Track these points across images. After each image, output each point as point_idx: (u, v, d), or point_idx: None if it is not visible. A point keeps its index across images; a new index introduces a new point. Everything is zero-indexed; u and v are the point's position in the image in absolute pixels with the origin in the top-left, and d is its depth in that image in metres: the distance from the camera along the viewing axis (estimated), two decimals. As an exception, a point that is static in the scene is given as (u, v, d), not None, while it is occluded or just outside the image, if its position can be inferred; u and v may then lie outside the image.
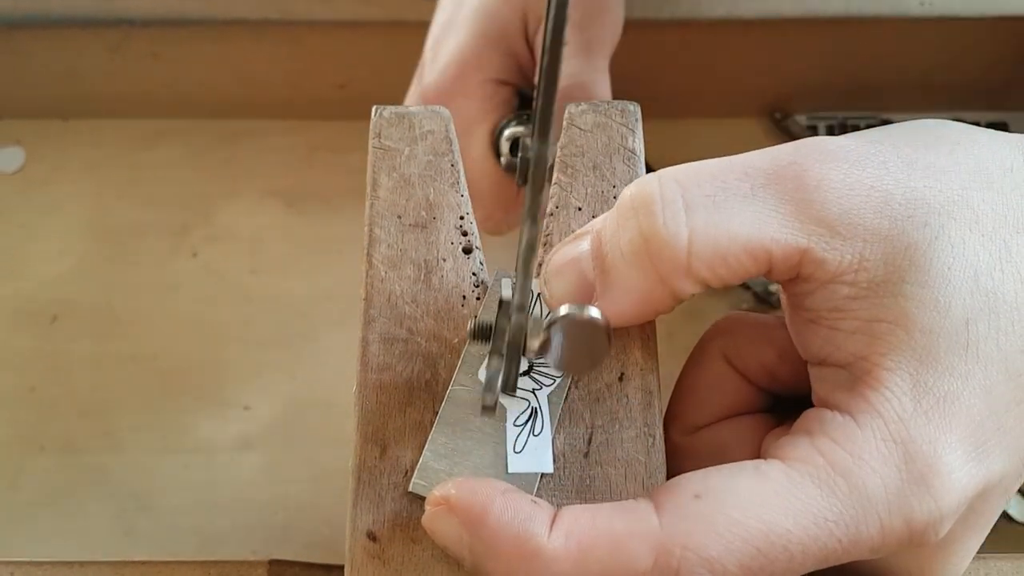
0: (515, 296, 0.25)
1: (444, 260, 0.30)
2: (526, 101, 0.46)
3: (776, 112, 0.59)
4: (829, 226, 0.25)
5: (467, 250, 0.30)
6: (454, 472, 0.27)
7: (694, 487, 0.25)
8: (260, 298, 0.55)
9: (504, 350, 0.26)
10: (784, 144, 0.27)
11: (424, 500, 0.26)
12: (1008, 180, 0.27)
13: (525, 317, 0.25)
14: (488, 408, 0.26)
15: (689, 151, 0.33)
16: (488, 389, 0.26)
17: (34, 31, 0.54)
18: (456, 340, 0.29)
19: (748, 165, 0.26)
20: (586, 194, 0.31)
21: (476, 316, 0.28)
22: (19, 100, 0.59)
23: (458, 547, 0.25)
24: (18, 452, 0.51)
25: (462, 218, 0.30)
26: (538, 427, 0.28)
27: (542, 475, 0.27)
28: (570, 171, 0.31)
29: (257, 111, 0.59)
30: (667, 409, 0.31)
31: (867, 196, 0.26)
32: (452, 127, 0.32)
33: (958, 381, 0.25)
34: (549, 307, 0.29)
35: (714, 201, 0.26)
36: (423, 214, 0.30)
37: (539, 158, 0.21)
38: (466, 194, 0.31)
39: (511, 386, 0.27)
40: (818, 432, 0.25)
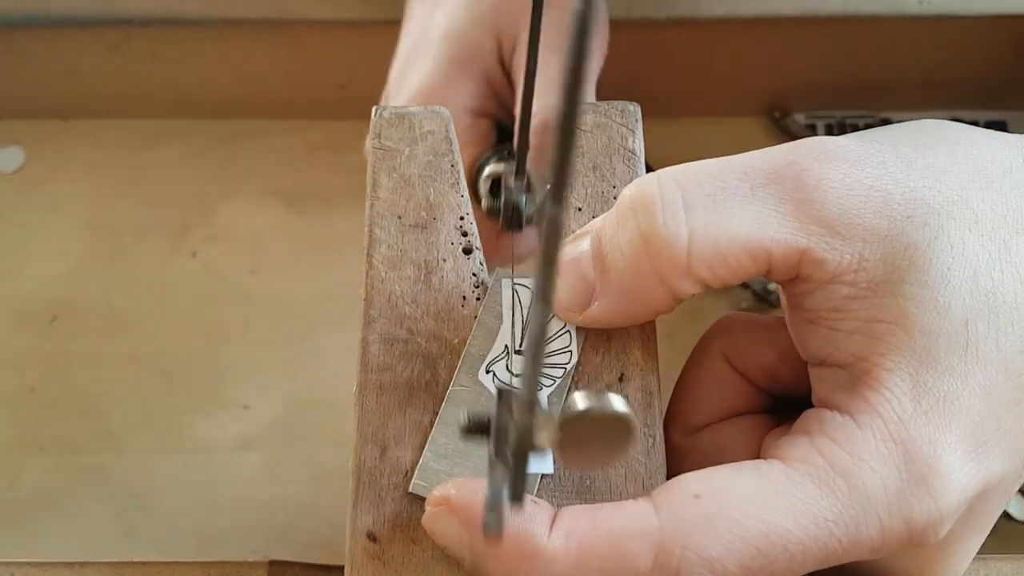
0: (523, 390, 0.20)
1: (444, 260, 0.30)
2: (504, 134, 0.43)
3: (775, 111, 0.59)
4: (828, 226, 0.26)
5: (467, 250, 0.30)
6: (454, 473, 0.27)
7: (694, 487, 0.25)
8: (260, 298, 0.55)
9: (510, 457, 0.22)
10: (784, 144, 0.27)
11: (424, 501, 0.26)
12: (1007, 180, 0.27)
13: (534, 416, 0.21)
14: (493, 529, 0.21)
15: (689, 150, 0.33)
16: (492, 508, 0.21)
17: (34, 31, 0.54)
18: (456, 341, 0.29)
19: (748, 165, 0.27)
20: (586, 194, 0.31)
21: (467, 414, 0.24)
22: (19, 100, 0.59)
23: (458, 547, 0.25)
24: (18, 452, 0.51)
25: (462, 218, 0.30)
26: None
27: (542, 476, 0.27)
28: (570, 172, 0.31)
29: (257, 111, 0.59)
30: (667, 409, 0.31)
31: (866, 196, 0.26)
32: (452, 127, 0.32)
33: (958, 381, 0.25)
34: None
35: (714, 201, 0.26)
36: (423, 214, 0.30)
37: (553, 225, 0.17)
38: (466, 194, 0.31)
39: (518, 496, 0.22)
40: (818, 432, 0.25)
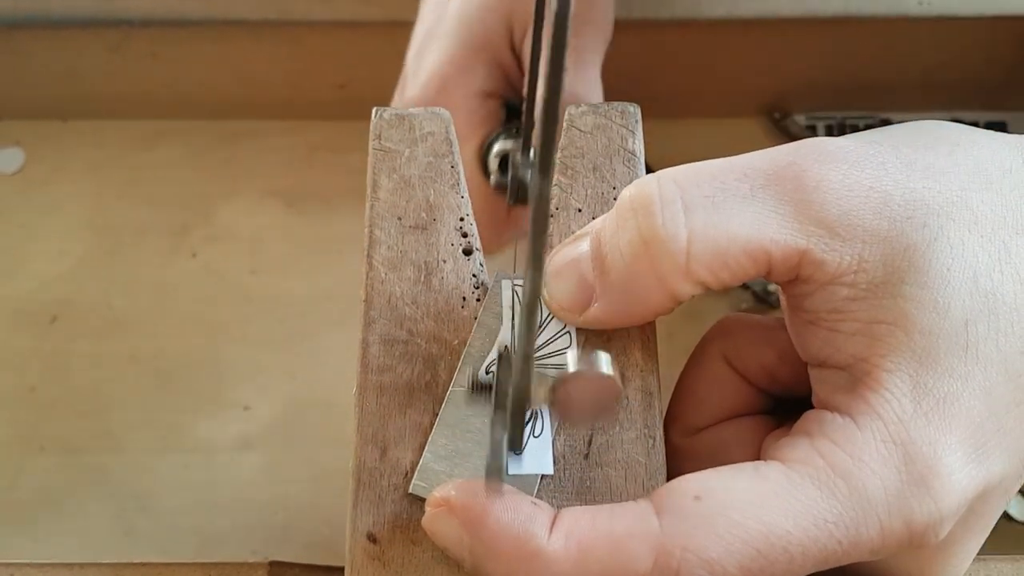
0: (518, 349, 0.23)
1: (444, 261, 0.30)
2: (513, 113, 0.44)
3: (775, 112, 0.59)
4: (828, 227, 0.25)
5: (467, 251, 0.30)
6: (454, 474, 0.27)
7: (694, 488, 0.25)
8: (260, 298, 0.55)
9: (508, 410, 0.24)
10: (784, 145, 0.27)
11: (424, 502, 0.26)
12: (1007, 181, 0.27)
13: (530, 371, 0.23)
14: (494, 473, 0.24)
15: (689, 151, 0.33)
16: (494, 456, 0.24)
17: (34, 31, 0.54)
18: (456, 342, 0.29)
19: (747, 166, 0.26)
20: (586, 195, 0.31)
21: (472, 369, 0.26)
22: (19, 100, 0.59)
23: (458, 548, 0.25)
24: (18, 452, 0.51)
25: (462, 219, 0.30)
26: (538, 429, 0.28)
27: (542, 477, 0.27)
28: (570, 172, 0.31)
29: (257, 111, 0.59)
30: (667, 410, 0.31)
31: (866, 197, 0.26)
32: (452, 129, 0.32)
33: (958, 382, 0.25)
34: (549, 308, 0.29)
35: (713, 202, 0.26)
36: (423, 216, 0.30)
37: (540, 197, 0.19)
38: (466, 195, 0.31)
39: (517, 444, 0.25)
40: (818, 433, 0.25)
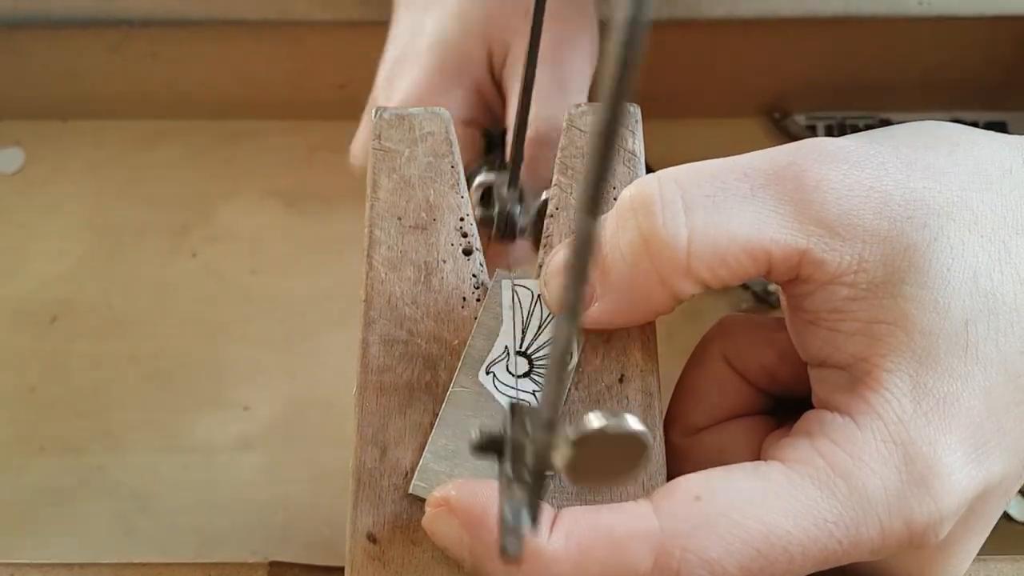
0: (543, 411, 0.20)
1: (444, 262, 0.30)
2: (494, 143, 0.43)
3: (775, 112, 0.59)
4: (828, 227, 0.25)
5: (467, 252, 0.30)
6: (454, 474, 0.27)
7: (694, 488, 0.25)
8: (260, 298, 0.55)
9: (527, 477, 0.21)
10: (784, 145, 0.27)
11: (424, 502, 0.26)
12: (1007, 181, 0.27)
13: (555, 436, 0.20)
14: (513, 554, 0.21)
15: (689, 151, 0.33)
16: (511, 532, 0.21)
17: (34, 31, 0.54)
18: (456, 342, 0.29)
19: (748, 166, 0.26)
20: (586, 195, 0.31)
21: (479, 431, 0.23)
22: (19, 100, 0.59)
23: (458, 548, 0.25)
24: (18, 452, 0.51)
25: (462, 220, 0.30)
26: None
27: (542, 476, 0.27)
28: (570, 172, 0.31)
29: (257, 111, 0.59)
30: (667, 411, 0.31)
31: (866, 197, 0.26)
32: (452, 128, 0.32)
33: (958, 382, 0.25)
34: (549, 309, 0.29)
35: (713, 202, 0.26)
36: (423, 216, 0.30)
37: (587, 236, 0.17)
38: (466, 196, 0.31)
39: (537, 516, 0.22)
40: (818, 433, 0.25)
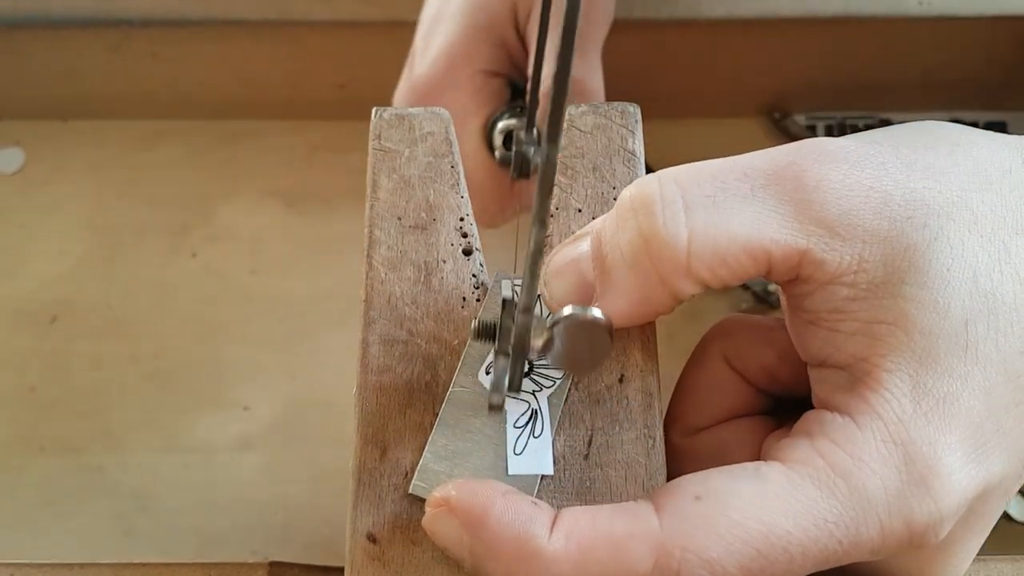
0: (521, 297, 0.24)
1: (444, 262, 0.30)
2: (518, 92, 0.46)
3: (775, 112, 0.59)
4: (828, 227, 0.25)
5: (467, 252, 0.30)
6: (454, 474, 0.27)
7: (694, 488, 0.25)
8: (260, 298, 0.55)
9: (509, 350, 0.26)
10: (784, 145, 0.27)
11: (424, 502, 0.26)
12: (1007, 181, 0.27)
13: (531, 317, 0.25)
14: (495, 407, 0.26)
15: (689, 151, 0.33)
16: (495, 389, 0.26)
17: (34, 31, 0.54)
18: (456, 342, 0.29)
19: (748, 166, 0.26)
20: (586, 195, 0.31)
21: (478, 316, 0.28)
22: (19, 100, 0.59)
23: (458, 548, 0.25)
24: (18, 452, 0.51)
25: (462, 220, 0.30)
26: (538, 429, 0.28)
27: (542, 477, 0.27)
28: (570, 172, 0.31)
29: (257, 111, 0.59)
30: (667, 411, 0.31)
31: (866, 197, 0.26)
32: (452, 129, 0.32)
33: (958, 382, 0.25)
34: (549, 308, 0.29)
35: (714, 201, 0.26)
36: (423, 216, 0.30)
37: (548, 161, 0.21)
38: (466, 196, 0.31)
39: (516, 386, 0.27)
40: (818, 434, 0.25)
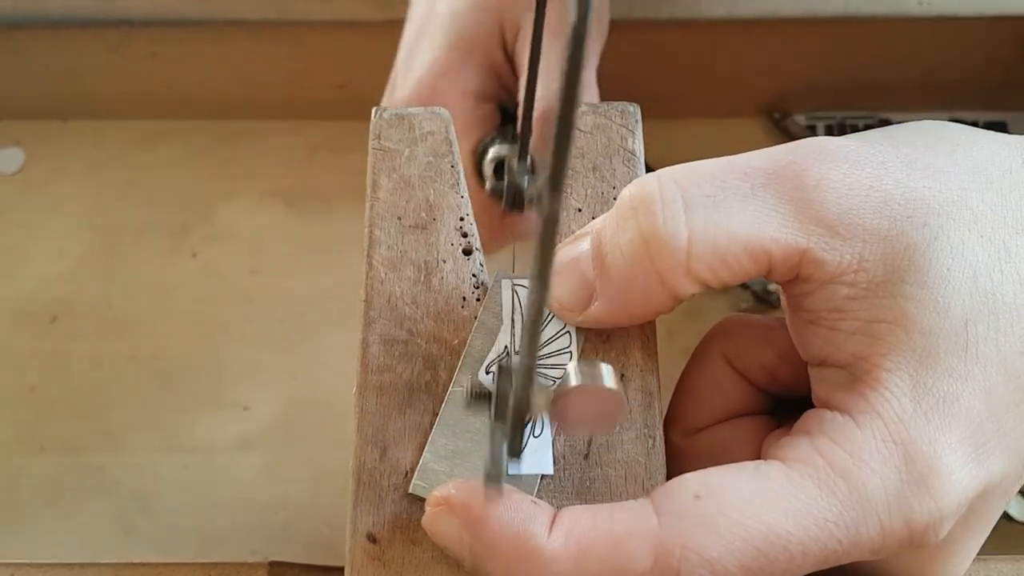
0: (520, 362, 0.22)
1: (444, 261, 0.30)
2: (507, 117, 0.44)
3: (775, 112, 0.59)
4: (828, 226, 0.26)
5: (467, 251, 0.30)
6: (454, 473, 0.27)
7: (694, 488, 0.25)
8: (260, 298, 0.55)
9: (508, 421, 0.24)
10: (784, 144, 0.27)
11: (424, 502, 0.26)
12: (1007, 181, 0.27)
13: (532, 383, 0.23)
14: (493, 484, 0.24)
15: (689, 151, 0.33)
16: (493, 465, 0.23)
17: (34, 31, 0.54)
18: (456, 342, 0.29)
19: (748, 165, 0.27)
20: (586, 195, 0.31)
21: (471, 380, 0.26)
22: (19, 100, 0.59)
23: (458, 548, 0.25)
24: (18, 452, 0.51)
25: (462, 219, 0.30)
26: (538, 429, 0.28)
27: (542, 476, 0.27)
28: (570, 172, 0.31)
29: (257, 111, 0.59)
30: (667, 411, 0.31)
31: (866, 196, 0.26)
32: (452, 128, 0.32)
33: (958, 382, 0.25)
34: (549, 308, 0.29)
35: (714, 201, 0.26)
36: (423, 215, 0.30)
37: (549, 217, 0.19)
38: (466, 195, 0.31)
39: (516, 452, 0.25)
40: (818, 433, 0.25)
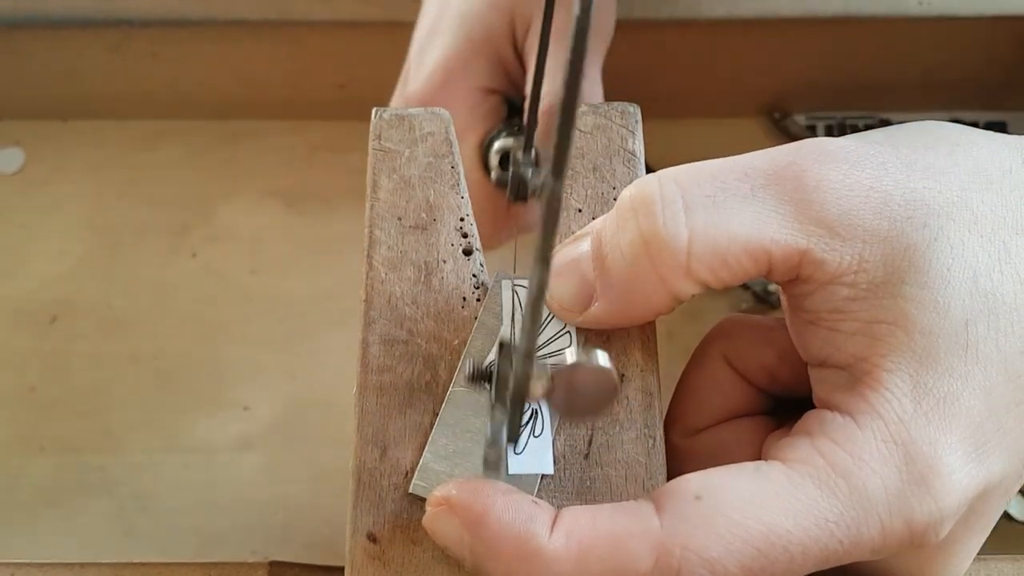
0: (521, 343, 0.23)
1: (444, 262, 0.30)
2: (514, 110, 0.44)
3: (775, 112, 0.59)
4: (828, 227, 0.26)
5: (467, 252, 0.30)
6: (455, 473, 0.27)
7: (694, 488, 0.25)
8: (260, 298, 0.55)
9: (507, 400, 0.24)
10: (784, 145, 0.27)
11: (424, 502, 0.26)
12: (1007, 181, 0.27)
13: (531, 365, 0.23)
14: (492, 464, 0.25)
15: (689, 151, 0.33)
16: (493, 444, 0.24)
17: (34, 31, 0.54)
18: (456, 342, 0.29)
19: (748, 166, 0.27)
20: (586, 196, 0.31)
21: (472, 358, 0.26)
22: (19, 100, 0.59)
23: (459, 548, 0.25)
24: (18, 452, 0.51)
25: (462, 220, 0.30)
26: (538, 428, 0.28)
27: (542, 476, 0.27)
28: (570, 173, 0.31)
29: (257, 111, 0.59)
30: (668, 411, 0.31)
31: (866, 197, 0.26)
32: (452, 129, 0.32)
33: (958, 382, 0.25)
34: (549, 308, 0.29)
35: (714, 202, 0.26)
36: (423, 216, 0.30)
37: (552, 198, 0.20)
38: (466, 196, 0.31)
39: (514, 436, 0.25)
40: (818, 433, 0.25)
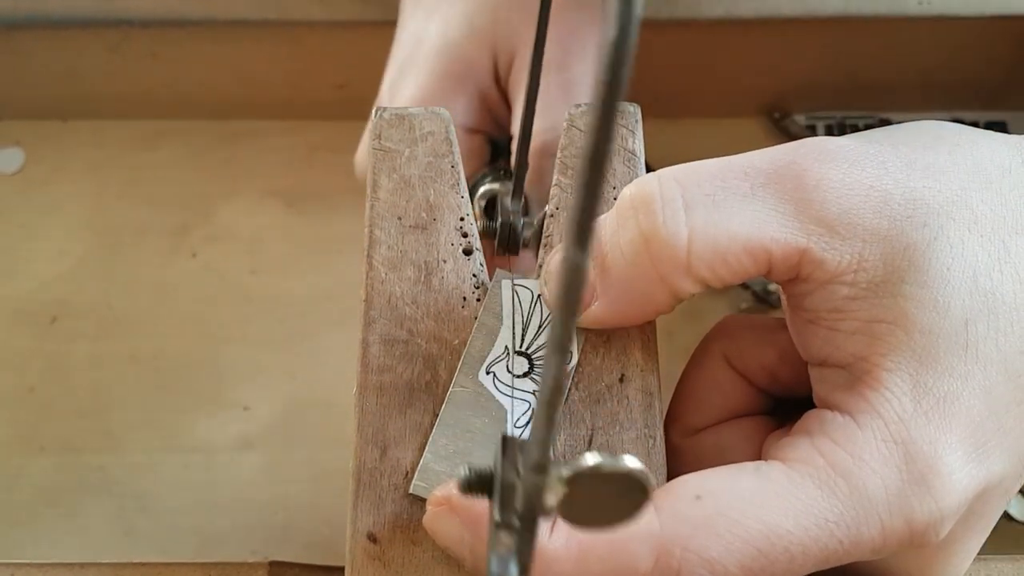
0: (533, 453, 0.19)
1: (444, 261, 0.30)
2: (499, 151, 0.43)
3: (775, 112, 0.59)
4: (828, 226, 0.26)
5: (467, 251, 0.30)
6: (455, 473, 0.27)
7: (694, 488, 0.25)
8: (260, 298, 0.55)
9: (515, 520, 0.20)
10: (784, 144, 0.27)
11: (424, 502, 0.26)
12: (1007, 181, 0.27)
13: (544, 478, 0.19)
14: None
15: (689, 151, 0.33)
16: (500, 569, 0.20)
17: (34, 31, 0.54)
18: (456, 342, 0.29)
19: (748, 165, 0.27)
20: (586, 195, 0.31)
21: (468, 468, 0.22)
22: (19, 100, 0.59)
23: (459, 547, 0.25)
24: (18, 452, 0.51)
25: (462, 219, 0.30)
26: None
27: (542, 476, 0.27)
28: (570, 172, 0.31)
29: (257, 111, 0.59)
30: (668, 411, 0.31)
31: (866, 196, 0.26)
32: (452, 128, 0.32)
33: (958, 382, 0.25)
34: (549, 309, 0.29)
35: (714, 200, 0.26)
36: (423, 215, 0.30)
37: (576, 272, 0.16)
38: (466, 195, 0.31)
39: (527, 568, 0.21)
40: (818, 433, 0.25)
